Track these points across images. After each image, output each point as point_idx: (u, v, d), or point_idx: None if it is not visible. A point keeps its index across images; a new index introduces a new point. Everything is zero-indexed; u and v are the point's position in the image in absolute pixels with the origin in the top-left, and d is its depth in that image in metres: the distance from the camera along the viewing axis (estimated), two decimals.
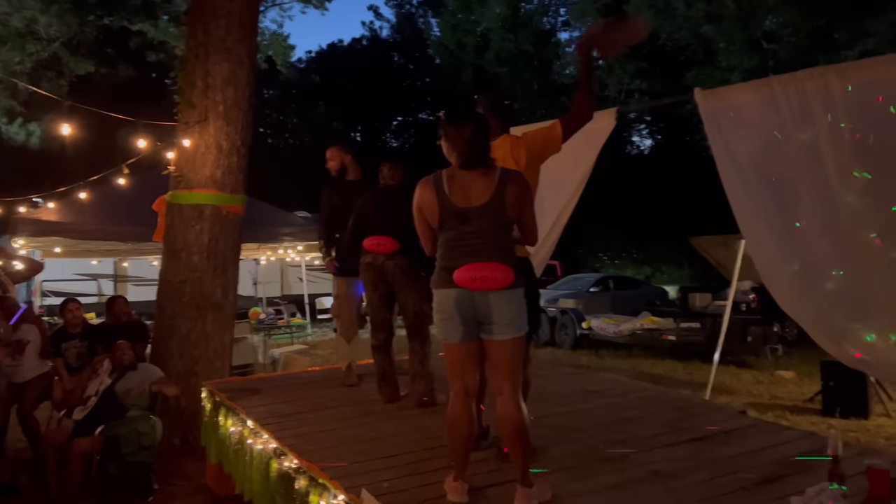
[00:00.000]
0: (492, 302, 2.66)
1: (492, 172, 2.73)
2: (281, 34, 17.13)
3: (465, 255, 2.69)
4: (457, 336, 2.76)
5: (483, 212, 2.68)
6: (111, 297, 6.28)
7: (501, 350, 2.72)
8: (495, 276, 2.63)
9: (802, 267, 3.34)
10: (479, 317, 2.71)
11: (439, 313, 2.79)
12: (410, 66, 33.39)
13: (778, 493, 2.75)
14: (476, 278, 2.63)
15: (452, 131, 2.74)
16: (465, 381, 2.81)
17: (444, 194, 2.72)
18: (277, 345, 10.85)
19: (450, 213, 2.72)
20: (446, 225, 2.74)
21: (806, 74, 3.35)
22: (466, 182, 2.72)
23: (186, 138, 5.83)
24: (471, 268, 2.65)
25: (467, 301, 2.69)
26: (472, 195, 2.70)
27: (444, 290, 2.75)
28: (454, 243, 2.74)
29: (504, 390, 2.73)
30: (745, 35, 16.92)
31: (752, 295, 10.22)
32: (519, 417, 2.71)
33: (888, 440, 5.84)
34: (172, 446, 5.41)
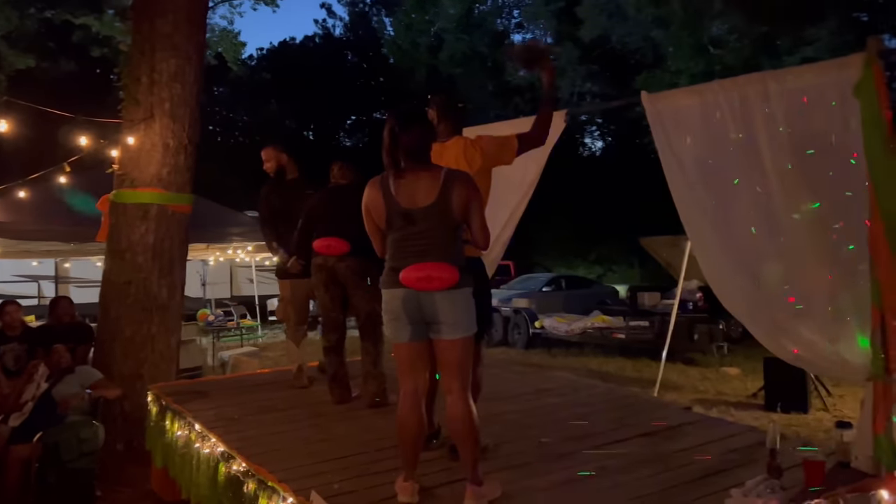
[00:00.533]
0: (437, 302, 2.67)
1: (437, 173, 2.72)
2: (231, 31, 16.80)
3: (412, 255, 2.69)
4: (405, 336, 2.77)
5: (428, 213, 2.68)
6: (55, 298, 6.12)
7: (449, 350, 2.73)
8: (440, 275, 2.63)
9: (743, 266, 3.43)
10: (426, 317, 2.71)
11: (387, 313, 2.80)
12: (364, 65, 33.21)
13: (720, 485, 2.82)
14: (421, 278, 2.64)
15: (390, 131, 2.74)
16: (415, 381, 2.82)
17: (391, 195, 2.72)
18: (227, 347, 10.68)
19: (396, 213, 2.71)
20: (393, 225, 2.74)
21: (746, 79, 3.43)
22: (413, 182, 2.71)
23: (131, 136, 5.68)
24: (416, 268, 2.65)
25: (413, 301, 2.69)
26: (418, 196, 2.69)
27: (391, 290, 2.76)
28: (401, 243, 2.74)
29: (453, 389, 2.74)
30: (693, 40, 17.30)
31: (698, 294, 10.49)
32: (468, 416, 2.72)
33: (826, 433, 6.05)
34: (116, 452, 5.26)
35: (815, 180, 3.18)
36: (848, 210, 3.08)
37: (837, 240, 3.13)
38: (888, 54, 3.03)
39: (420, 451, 2.86)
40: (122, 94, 5.95)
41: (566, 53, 21.72)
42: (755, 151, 3.38)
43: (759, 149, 3.36)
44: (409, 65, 27.62)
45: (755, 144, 3.38)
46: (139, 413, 5.18)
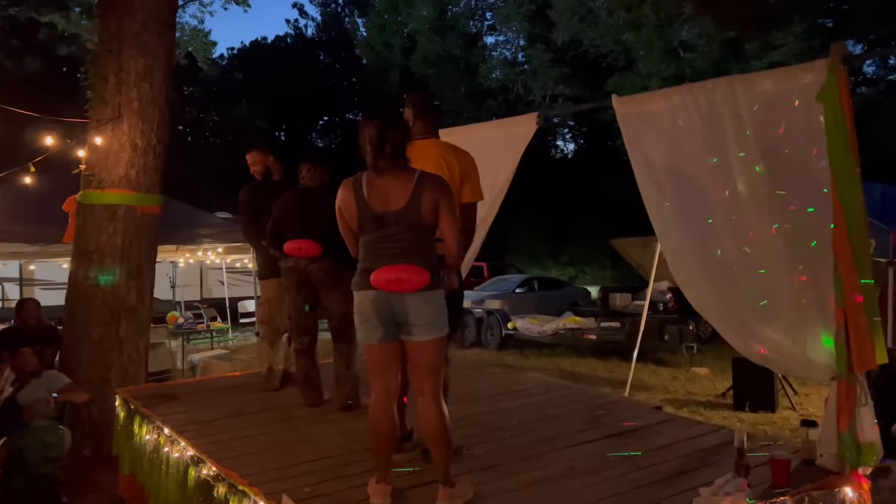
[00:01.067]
0: (408, 303, 2.66)
1: (409, 176, 2.71)
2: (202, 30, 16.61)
3: (385, 257, 2.68)
4: (376, 337, 2.76)
5: (400, 217, 2.67)
6: (21, 300, 6.01)
7: (420, 351, 2.73)
8: (410, 277, 2.63)
9: (711, 267, 3.48)
10: (397, 318, 2.71)
11: (358, 314, 2.79)
12: (337, 65, 33.06)
13: (689, 484, 2.86)
14: (391, 280, 2.63)
15: (363, 132, 2.73)
16: (386, 383, 2.81)
17: (363, 198, 2.71)
18: (197, 350, 10.55)
19: (368, 216, 2.71)
20: (365, 228, 2.74)
21: (714, 83, 3.48)
22: (385, 185, 2.71)
23: (98, 136, 5.59)
24: (386, 270, 2.64)
25: (384, 302, 2.69)
26: (390, 199, 2.69)
27: (362, 292, 2.75)
28: (374, 245, 2.73)
29: (425, 391, 2.75)
30: (663, 43, 17.55)
31: (668, 295, 10.60)
32: (440, 418, 2.73)
33: (793, 432, 6.15)
34: (83, 457, 5.18)
35: (782, 183, 3.24)
36: (813, 211, 3.15)
37: (803, 241, 3.20)
38: (852, 60, 3.10)
39: (392, 453, 2.85)
40: (89, 94, 5.84)
41: (538, 56, 21.87)
42: (723, 154, 3.43)
43: (727, 152, 3.41)
44: (382, 66, 27.58)
45: (723, 147, 3.43)
46: (106, 417, 5.11)
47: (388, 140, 2.70)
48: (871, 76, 18.55)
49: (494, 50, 25.72)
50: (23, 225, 6.73)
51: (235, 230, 8.45)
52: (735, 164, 3.39)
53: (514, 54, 24.77)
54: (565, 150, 30.75)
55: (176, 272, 13.56)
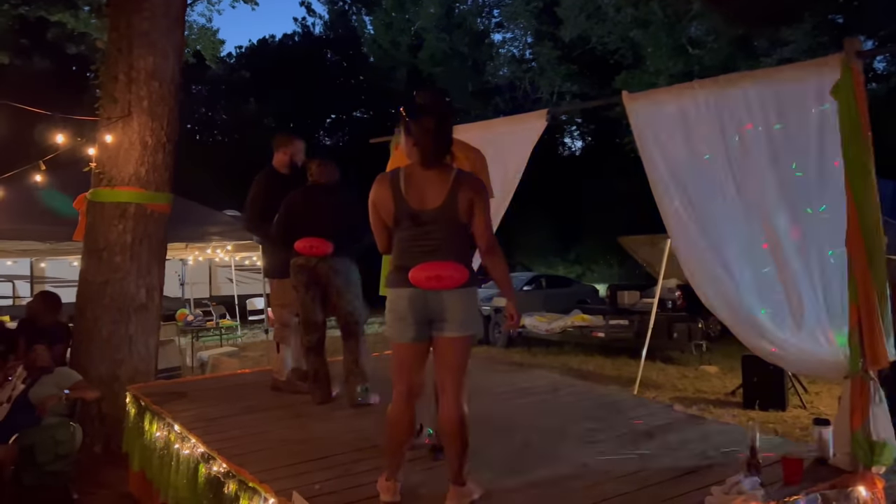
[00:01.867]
0: (445, 300, 2.64)
1: (447, 174, 2.69)
2: (210, 28, 16.63)
3: (421, 254, 2.67)
4: (408, 336, 2.73)
5: (436, 215, 2.65)
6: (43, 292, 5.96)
7: (450, 348, 2.72)
8: (450, 274, 2.62)
9: (722, 266, 3.46)
10: (432, 315, 2.68)
11: (392, 312, 2.75)
12: (344, 63, 33.03)
13: (700, 483, 2.85)
14: (430, 277, 2.61)
15: (413, 127, 2.66)
16: (409, 382, 2.79)
17: (401, 194, 2.68)
18: (206, 347, 10.58)
19: (404, 213, 2.68)
20: (401, 225, 2.71)
21: (725, 80, 3.46)
22: (423, 182, 2.68)
23: (109, 134, 5.61)
24: (426, 267, 2.63)
25: (421, 300, 2.67)
26: (427, 197, 2.66)
27: (398, 290, 2.72)
28: (410, 243, 2.71)
29: (447, 389, 2.73)
30: (672, 40, 17.45)
31: (677, 293, 10.56)
32: (460, 418, 2.71)
33: (803, 430, 6.13)
34: (93, 454, 5.20)
35: (794, 180, 3.21)
36: (826, 209, 3.12)
37: (815, 239, 3.17)
38: (865, 55, 3.07)
39: (406, 452, 2.85)
40: (99, 92, 5.87)
41: (546, 53, 21.81)
42: (733, 151, 3.42)
43: (737, 148, 3.40)
44: (389, 64, 27.55)
45: (733, 144, 3.41)
46: (117, 414, 5.12)
47: (444, 135, 2.68)
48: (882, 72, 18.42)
49: (502, 47, 25.66)
50: (33, 223, 6.76)
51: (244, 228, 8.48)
52: (746, 160, 3.37)
53: (522, 52, 24.70)
54: (573, 148, 30.66)
55: (185, 270, 13.61)
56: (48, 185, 6.39)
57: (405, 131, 2.70)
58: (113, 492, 4.68)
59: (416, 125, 2.66)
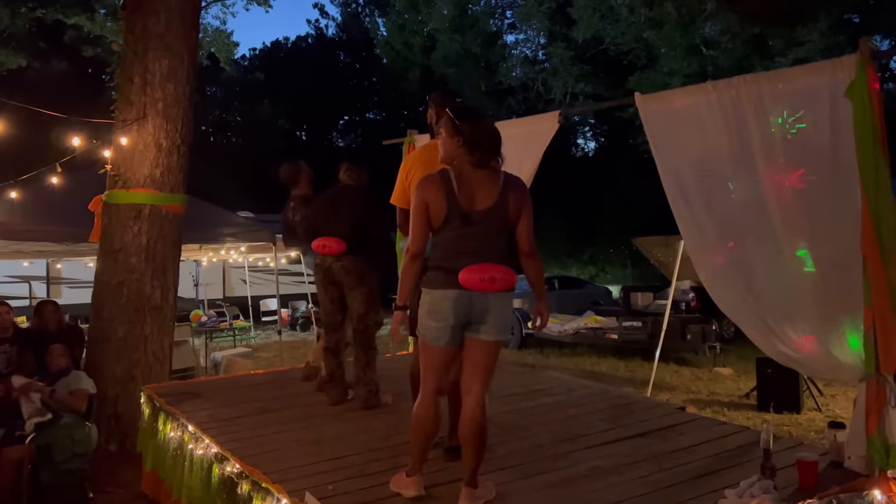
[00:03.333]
0: (491, 303, 2.65)
1: (497, 176, 2.70)
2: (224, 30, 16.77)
3: (466, 255, 2.65)
4: (444, 339, 2.72)
5: (486, 215, 2.65)
6: (41, 302, 6.01)
7: (483, 351, 2.72)
8: (503, 277, 2.63)
9: (736, 270, 3.44)
10: (473, 317, 2.68)
11: (433, 314, 2.71)
12: (357, 65, 33.14)
13: (714, 486, 2.84)
14: (485, 279, 2.60)
15: (469, 128, 2.67)
16: (439, 383, 2.81)
17: (454, 194, 2.66)
18: (219, 348, 10.64)
19: (456, 213, 2.66)
20: (449, 224, 2.68)
21: (739, 80, 3.44)
22: (473, 183, 2.68)
23: (124, 136, 5.66)
24: (479, 268, 2.61)
25: (465, 302, 2.65)
26: (477, 197, 2.66)
27: (442, 291, 2.68)
28: (454, 243, 2.68)
29: (473, 391, 2.73)
30: (686, 41, 17.36)
31: (691, 294, 10.50)
32: (482, 420, 2.70)
33: (818, 433, 6.08)
34: (108, 453, 5.25)
35: (809, 181, 3.19)
36: (842, 211, 3.10)
37: (830, 241, 3.15)
38: (881, 56, 3.04)
39: (429, 449, 2.88)
40: (114, 95, 5.92)
41: (559, 54, 21.76)
42: (748, 152, 3.40)
43: (752, 150, 3.37)
44: (402, 65, 27.59)
45: (748, 145, 3.39)
46: (132, 414, 5.17)
47: (497, 137, 2.73)
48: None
49: (514, 48, 25.61)
50: (50, 224, 6.83)
51: (258, 229, 8.53)
52: (760, 162, 3.35)
53: (535, 52, 24.64)
54: (586, 149, 30.59)
55: (199, 271, 13.71)
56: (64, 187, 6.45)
57: (453, 132, 2.69)
58: (128, 491, 4.71)
59: (473, 126, 2.68)
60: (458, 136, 2.69)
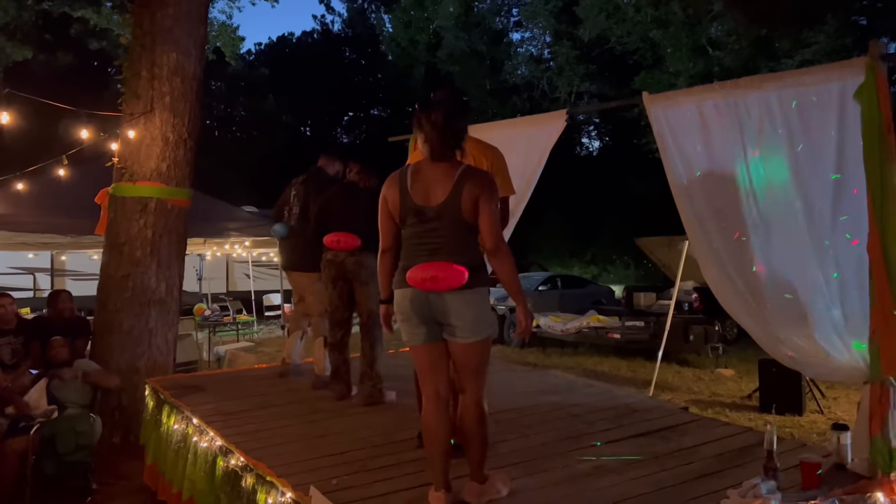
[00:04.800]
0: (448, 303, 2.56)
1: (454, 170, 2.60)
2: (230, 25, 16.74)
3: (423, 253, 2.60)
4: (419, 338, 2.67)
5: (439, 212, 2.57)
6: (55, 291, 6.03)
7: (463, 353, 2.63)
8: (445, 276, 2.51)
9: (740, 268, 3.44)
10: (437, 317, 2.61)
11: (399, 314, 2.69)
12: (362, 61, 33.17)
13: (716, 486, 2.84)
14: (426, 278, 2.53)
15: (423, 119, 2.60)
16: (435, 385, 2.70)
17: (406, 190, 2.62)
18: (222, 342, 10.67)
19: (409, 209, 2.62)
20: (406, 222, 2.65)
21: (747, 81, 3.44)
22: (429, 178, 2.61)
23: (131, 129, 5.67)
24: (421, 268, 2.55)
25: (423, 301, 2.59)
26: (431, 193, 2.59)
27: (400, 290, 2.66)
28: (413, 241, 2.65)
29: (466, 390, 2.69)
30: (692, 41, 17.34)
31: (694, 295, 10.50)
32: (478, 418, 2.66)
33: (820, 435, 6.08)
34: (112, 445, 5.28)
35: (815, 185, 3.19)
36: (847, 213, 3.10)
37: (836, 244, 3.15)
38: (891, 59, 3.04)
39: (449, 458, 2.70)
40: (121, 88, 5.93)
41: (564, 53, 21.75)
42: (754, 154, 3.40)
43: (760, 153, 3.37)
44: (407, 62, 27.61)
45: (755, 146, 3.39)
46: (136, 406, 5.19)
47: (453, 129, 2.60)
48: None
49: (520, 46, 25.64)
50: (55, 216, 6.86)
51: (262, 224, 8.54)
52: (767, 164, 3.35)
53: (540, 51, 24.66)
54: (590, 148, 30.59)
55: (203, 265, 13.74)
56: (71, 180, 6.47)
57: (417, 126, 2.64)
58: (131, 483, 4.73)
59: (426, 119, 2.59)
60: (419, 131, 2.63)
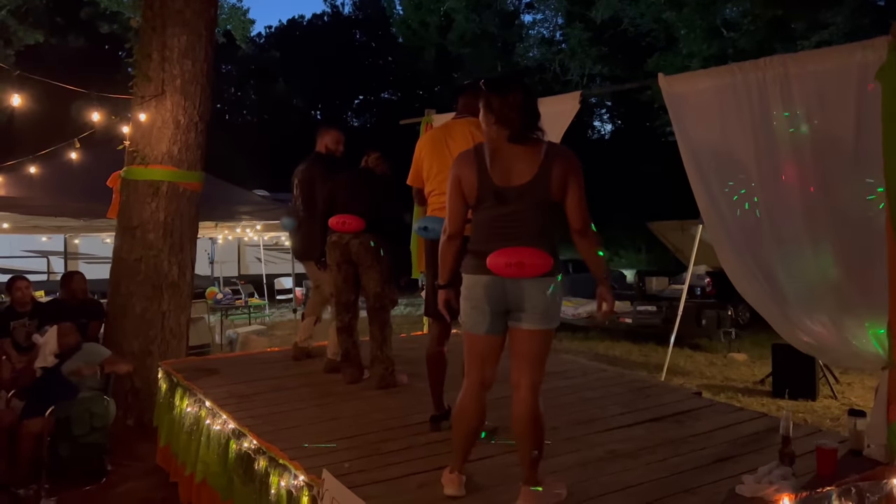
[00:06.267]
0: (525, 289, 2.47)
1: (538, 148, 2.51)
2: (240, 8, 16.66)
3: (501, 238, 2.49)
4: (483, 327, 2.57)
5: (523, 192, 2.47)
6: (69, 273, 6.01)
7: (527, 341, 2.54)
8: (532, 261, 2.43)
9: (758, 256, 3.40)
10: (510, 305, 2.53)
11: (468, 301, 2.59)
12: (373, 44, 32.99)
13: (730, 471, 2.83)
14: (511, 264, 2.43)
15: (498, 101, 2.51)
16: (482, 374, 2.64)
17: (486, 170, 2.51)
18: (234, 325, 10.72)
19: (488, 190, 2.51)
20: (483, 203, 2.54)
21: (766, 62, 3.37)
22: (510, 158, 2.51)
23: (142, 112, 5.66)
24: (507, 252, 2.44)
25: (499, 288, 2.50)
26: (514, 173, 2.49)
27: (474, 276, 2.55)
28: (490, 224, 2.54)
29: (522, 384, 2.55)
30: (706, 22, 17.10)
31: (707, 279, 10.45)
32: (535, 415, 2.54)
33: (834, 421, 6.05)
34: (126, 427, 5.31)
35: (835, 169, 3.14)
36: (864, 197, 3.05)
37: (854, 229, 3.10)
38: None
39: (473, 445, 2.70)
40: (132, 71, 5.91)
41: (576, 35, 21.52)
42: (772, 136, 3.34)
43: (777, 134, 3.32)
44: (417, 44, 27.41)
45: (773, 129, 3.34)
46: (149, 389, 5.22)
47: (532, 108, 2.53)
48: None
49: (532, 28, 25.34)
50: (68, 200, 6.88)
51: (274, 208, 8.54)
52: (785, 147, 3.29)
53: (552, 33, 24.37)
54: (602, 131, 30.39)
55: (215, 248, 13.78)
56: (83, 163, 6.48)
57: (486, 108, 2.55)
58: (144, 464, 4.77)
59: (502, 100, 2.50)
60: (489, 113, 2.54)
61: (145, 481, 4.52)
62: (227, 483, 3.45)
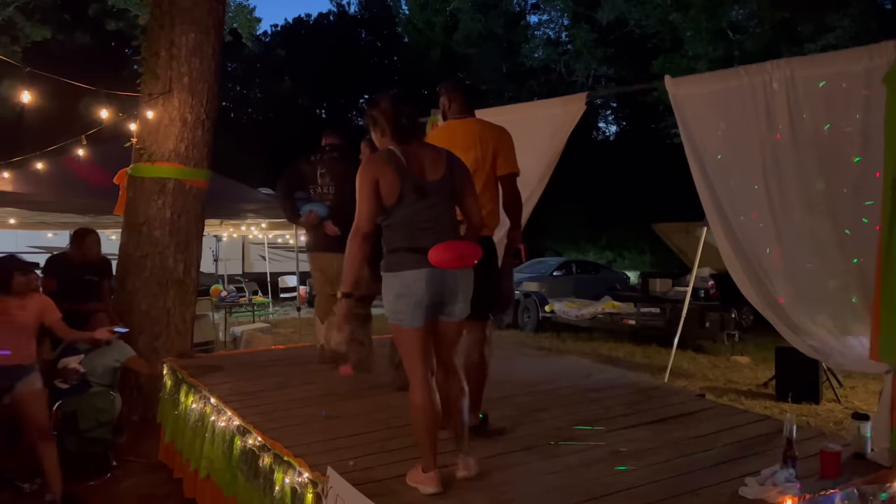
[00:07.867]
0: (459, 280, 2.65)
1: (438, 150, 2.74)
2: (247, 6, 16.73)
3: (430, 233, 2.59)
4: (420, 320, 2.63)
5: (440, 186, 2.65)
6: (82, 229, 5.68)
7: (457, 330, 2.78)
8: (471, 253, 2.62)
9: (763, 259, 3.41)
10: (445, 297, 2.65)
11: (406, 297, 2.60)
12: (378, 43, 33.05)
13: (734, 473, 2.82)
14: (454, 257, 2.56)
15: (375, 113, 2.72)
16: (429, 367, 2.71)
17: (403, 167, 2.60)
18: (238, 323, 10.74)
19: (410, 186, 2.59)
20: (405, 200, 2.60)
21: (773, 65, 3.39)
22: (419, 156, 2.67)
23: (150, 110, 5.68)
24: (449, 246, 2.56)
25: (438, 281, 2.59)
26: (427, 169, 2.66)
27: (415, 272, 2.58)
28: (412, 219, 2.62)
29: (450, 368, 2.83)
30: (712, 25, 17.10)
31: (710, 282, 10.43)
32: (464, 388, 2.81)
33: (837, 424, 6.04)
34: (131, 423, 5.33)
35: (841, 172, 3.14)
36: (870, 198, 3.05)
37: (860, 233, 3.11)
38: None
39: (437, 438, 2.73)
40: (138, 68, 5.93)
41: (582, 36, 21.53)
42: (778, 139, 3.35)
43: (783, 136, 3.33)
44: (423, 44, 27.46)
45: (779, 132, 3.35)
46: (154, 386, 5.24)
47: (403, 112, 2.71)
48: None
49: (537, 29, 25.37)
50: (75, 196, 6.90)
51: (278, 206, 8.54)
52: (791, 150, 3.30)
53: (558, 34, 24.42)
54: (607, 132, 30.39)
55: (219, 246, 13.81)
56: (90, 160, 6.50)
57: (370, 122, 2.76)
58: (148, 460, 4.79)
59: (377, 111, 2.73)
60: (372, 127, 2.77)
61: (149, 477, 4.53)
62: (232, 479, 3.46)
